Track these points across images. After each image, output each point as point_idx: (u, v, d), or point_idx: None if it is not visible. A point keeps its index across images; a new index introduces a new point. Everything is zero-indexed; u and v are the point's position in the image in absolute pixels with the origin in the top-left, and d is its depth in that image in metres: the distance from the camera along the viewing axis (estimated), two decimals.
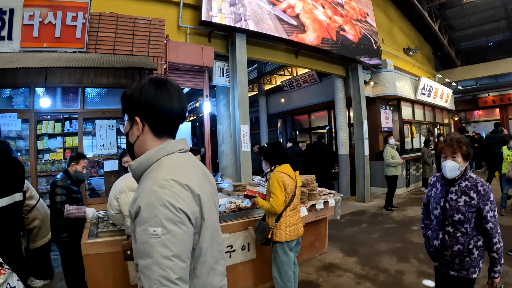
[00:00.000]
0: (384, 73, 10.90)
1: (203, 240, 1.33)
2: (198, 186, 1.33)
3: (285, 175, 3.57)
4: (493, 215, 2.47)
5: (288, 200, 3.59)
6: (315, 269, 4.96)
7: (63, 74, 5.87)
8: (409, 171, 11.45)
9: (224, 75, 7.20)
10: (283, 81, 13.33)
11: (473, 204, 2.47)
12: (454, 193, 2.58)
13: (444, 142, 2.64)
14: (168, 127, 1.44)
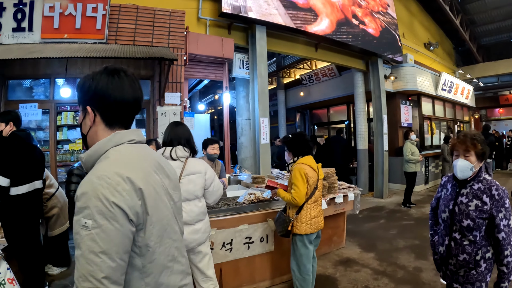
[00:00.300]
0: (404, 67, 10.70)
1: (149, 237, 1.25)
2: (142, 178, 1.25)
3: (307, 167, 3.52)
4: (507, 224, 2.20)
5: (310, 193, 3.54)
6: (332, 263, 4.92)
7: (83, 65, 5.94)
8: (428, 168, 11.24)
9: (244, 67, 7.17)
10: (302, 75, 13.19)
11: (485, 210, 2.22)
12: (465, 196, 2.33)
13: (457, 139, 2.41)
14: (120, 117, 1.37)
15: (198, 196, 2.94)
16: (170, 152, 2.88)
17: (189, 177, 2.86)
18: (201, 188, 2.94)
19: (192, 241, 2.88)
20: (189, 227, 2.85)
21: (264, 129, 6.77)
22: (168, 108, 5.56)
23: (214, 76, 6.71)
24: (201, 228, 2.95)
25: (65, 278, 4.59)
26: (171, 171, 1.53)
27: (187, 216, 2.84)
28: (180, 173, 2.84)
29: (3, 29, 5.04)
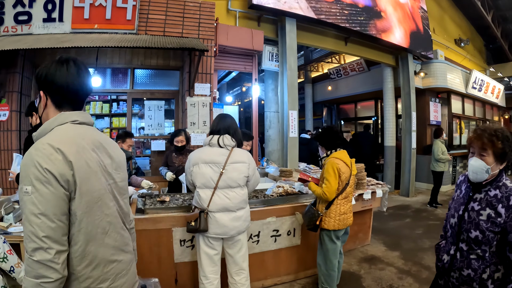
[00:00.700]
0: (434, 64, 10.42)
1: (77, 206, 1.37)
2: (75, 153, 1.38)
3: (341, 162, 3.47)
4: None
5: (341, 188, 3.50)
6: (357, 260, 4.89)
7: (113, 55, 6.02)
8: (455, 168, 10.95)
9: (274, 59, 7.12)
10: (330, 69, 13.02)
11: (498, 223, 1.86)
12: (478, 203, 1.99)
13: (473, 133, 2.05)
14: (67, 100, 1.54)
15: (241, 185, 2.99)
16: (218, 139, 2.97)
17: (234, 165, 2.94)
18: (244, 177, 3.00)
19: (233, 228, 2.93)
20: (230, 214, 2.93)
21: (293, 122, 6.73)
22: (197, 98, 5.59)
23: (244, 68, 6.71)
24: (242, 216, 3.00)
25: None
26: (116, 153, 1.66)
27: (230, 202, 2.91)
28: (226, 160, 2.91)
29: (33, 19, 5.15)
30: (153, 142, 6.18)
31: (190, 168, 2.98)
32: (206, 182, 2.90)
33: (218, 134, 3.00)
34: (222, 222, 2.88)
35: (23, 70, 5.44)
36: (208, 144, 3.01)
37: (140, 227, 3.41)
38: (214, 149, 2.96)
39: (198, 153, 3.01)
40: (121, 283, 1.56)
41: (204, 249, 2.98)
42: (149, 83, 6.33)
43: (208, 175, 2.89)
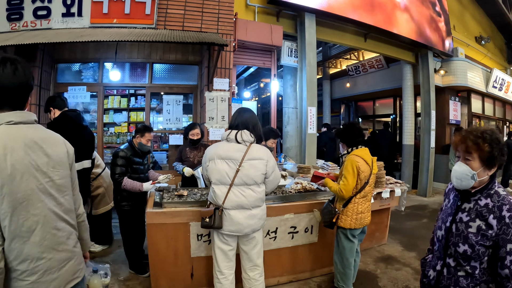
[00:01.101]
0: (455, 61, 10.21)
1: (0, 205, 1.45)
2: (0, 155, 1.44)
3: (361, 160, 3.42)
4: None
5: (360, 187, 3.46)
6: (373, 259, 4.84)
7: (132, 49, 6.07)
8: None
9: (293, 55, 7.06)
10: (349, 66, 12.89)
11: (489, 235, 1.67)
12: (466, 213, 1.80)
13: (458, 135, 1.86)
14: (6, 101, 1.56)
15: (257, 182, 2.90)
16: (235, 134, 2.89)
17: (251, 162, 2.85)
18: (261, 174, 2.91)
19: (247, 226, 2.87)
20: (245, 212, 2.86)
21: (311, 118, 6.70)
22: (216, 93, 5.59)
23: (262, 64, 6.70)
24: (258, 214, 2.93)
25: (106, 256, 4.78)
26: (55, 150, 1.68)
27: (245, 200, 2.84)
28: (243, 157, 2.83)
29: (52, 14, 5.21)
30: (171, 136, 6.24)
31: (206, 163, 2.94)
32: (221, 178, 2.84)
33: (237, 129, 2.93)
34: (237, 219, 2.84)
35: (42, 64, 5.52)
36: (226, 139, 2.94)
37: (157, 220, 3.44)
38: (231, 144, 2.90)
39: (215, 148, 2.95)
40: (51, 279, 1.60)
41: (219, 245, 2.96)
42: (168, 78, 6.37)
43: (224, 171, 2.83)
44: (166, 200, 3.65)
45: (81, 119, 3.91)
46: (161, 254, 3.53)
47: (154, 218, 3.44)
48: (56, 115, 3.80)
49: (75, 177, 1.86)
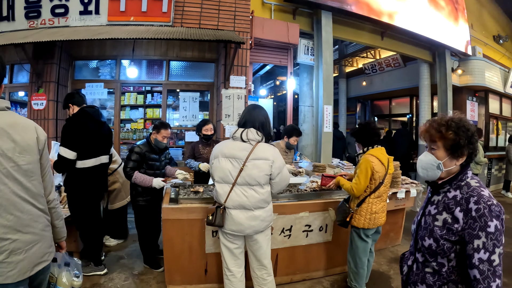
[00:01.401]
0: (472, 61, 10.03)
1: None
2: None
3: (375, 160, 3.39)
4: (486, 259, 1.44)
5: (374, 187, 3.43)
6: (387, 260, 4.80)
7: (148, 47, 6.14)
8: (491, 171, 10.52)
9: (309, 53, 7.06)
10: (365, 64, 12.79)
11: (455, 230, 1.55)
12: (435, 206, 1.71)
13: (424, 125, 1.79)
14: None
15: (261, 183, 2.80)
16: (241, 133, 2.82)
17: (255, 162, 2.76)
18: (265, 175, 2.80)
19: (249, 227, 2.81)
20: (247, 212, 2.80)
21: (328, 117, 6.68)
22: (233, 91, 5.62)
23: (279, 62, 6.71)
24: (260, 215, 2.84)
25: (121, 250, 4.85)
26: (23, 137, 1.74)
27: (247, 201, 2.78)
28: (247, 156, 2.76)
29: (70, 12, 5.30)
30: (187, 133, 6.31)
31: (212, 161, 2.92)
32: (224, 176, 2.80)
33: (244, 127, 2.87)
34: (238, 220, 2.79)
35: (60, 61, 5.63)
36: (232, 137, 2.90)
37: (173, 216, 3.48)
38: (236, 143, 2.84)
39: (220, 146, 2.90)
40: (18, 260, 1.67)
41: (224, 243, 2.95)
42: (184, 75, 6.44)
43: (227, 170, 2.78)
44: (182, 196, 3.67)
45: (99, 115, 3.96)
46: (176, 249, 3.57)
47: (170, 213, 3.48)
48: (75, 111, 3.85)
49: (46, 163, 1.91)
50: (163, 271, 4.08)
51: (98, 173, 3.94)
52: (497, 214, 1.47)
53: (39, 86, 5.48)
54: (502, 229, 1.49)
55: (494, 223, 1.46)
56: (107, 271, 4.08)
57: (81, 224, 3.89)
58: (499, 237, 1.46)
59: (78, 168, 3.69)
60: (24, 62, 5.58)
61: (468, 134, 1.61)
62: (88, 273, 3.95)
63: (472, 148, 1.62)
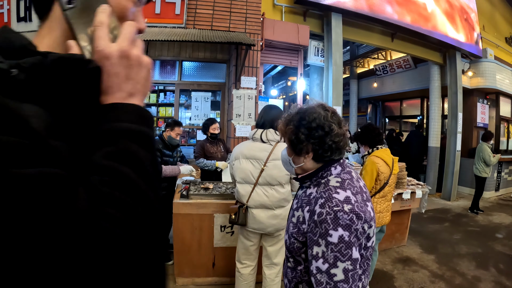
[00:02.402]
0: (483, 63, 9.91)
1: None
2: None
3: (380, 161, 3.45)
4: (325, 271, 1.24)
5: (379, 187, 3.50)
6: (391, 260, 4.87)
7: (162, 48, 6.26)
8: (500, 174, 10.40)
9: (319, 54, 7.12)
10: (376, 65, 12.76)
11: (302, 230, 1.40)
12: (296, 201, 1.57)
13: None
14: None
15: (281, 183, 2.86)
16: (260, 134, 2.85)
17: (275, 162, 2.79)
18: (286, 175, 2.84)
19: (270, 226, 2.88)
20: (268, 211, 2.86)
21: None
22: (243, 91, 5.73)
23: (289, 63, 6.78)
24: (281, 214, 2.90)
25: None
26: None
27: (268, 200, 2.83)
28: (267, 157, 2.80)
29: None
30: (199, 131, 6.43)
31: (232, 162, 2.96)
32: (246, 177, 2.85)
33: (262, 128, 2.88)
34: (259, 219, 2.85)
35: None
36: (251, 138, 2.92)
37: (183, 211, 3.63)
38: (256, 144, 2.87)
39: (240, 147, 2.94)
40: None
41: (242, 240, 3.05)
42: (197, 75, 6.56)
43: (248, 171, 2.83)
44: (193, 192, 3.79)
45: None
46: (185, 243, 3.70)
47: (181, 208, 3.62)
48: None
49: None
50: (172, 264, 4.20)
51: None
52: (346, 223, 1.24)
53: None
54: (355, 242, 1.24)
55: (338, 233, 1.23)
56: None
57: None
58: (345, 250, 1.22)
59: None
60: None
61: (312, 126, 1.40)
62: None
63: (319, 143, 1.40)
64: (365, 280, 1.38)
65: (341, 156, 1.47)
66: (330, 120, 1.40)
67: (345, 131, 1.45)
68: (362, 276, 1.35)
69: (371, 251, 1.38)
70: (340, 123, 1.43)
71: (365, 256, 1.33)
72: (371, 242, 1.36)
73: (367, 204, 1.35)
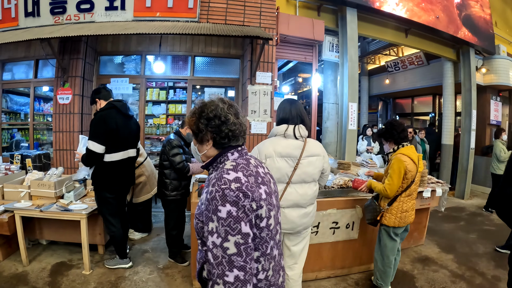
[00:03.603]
0: (497, 59, 9.80)
1: None
2: None
3: (408, 159, 3.34)
4: (219, 245, 1.34)
5: (406, 186, 3.40)
6: (410, 260, 4.80)
7: (174, 42, 6.18)
8: None
9: (334, 50, 7.04)
10: (388, 62, 12.64)
11: (201, 210, 1.49)
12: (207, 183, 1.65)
13: None
14: None
15: (315, 179, 2.81)
16: (293, 130, 2.70)
17: (309, 159, 2.72)
18: (319, 171, 2.80)
19: (301, 225, 2.77)
20: (300, 210, 2.75)
21: (352, 114, 6.65)
22: (259, 87, 5.62)
23: (304, 58, 6.69)
24: (311, 212, 2.83)
25: (145, 243, 4.92)
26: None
27: (301, 198, 2.72)
28: (301, 153, 2.69)
29: (95, 7, 5.37)
30: None
31: (263, 160, 2.66)
32: (281, 177, 2.67)
33: (293, 123, 2.71)
34: (291, 218, 2.70)
35: (86, 56, 5.72)
36: (283, 135, 2.71)
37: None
38: (290, 141, 2.70)
39: (273, 145, 2.70)
40: None
41: None
42: (209, 71, 6.47)
43: (284, 170, 2.66)
44: None
45: (127, 108, 4.01)
46: None
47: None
48: (102, 105, 3.90)
49: None
50: (188, 265, 4.13)
51: (126, 166, 3.99)
52: (233, 199, 1.36)
53: (65, 80, 5.57)
54: (242, 218, 1.36)
55: (226, 208, 1.35)
56: (132, 264, 4.14)
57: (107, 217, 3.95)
58: (234, 225, 1.34)
59: (106, 161, 3.75)
60: (50, 57, 5.68)
61: (210, 116, 1.55)
62: (113, 266, 4.03)
63: (217, 131, 1.55)
64: (265, 263, 1.50)
65: (239, 143, 1.63)
66: (226, 111, 1.56)
67: (242, 121, 1.62)
68: (261, 259, 1.48)
69: (267, 232, 1.47)
70: (237, 114, 1.60)
71: (259, 236, 1.45)
72: (265, 223, 1.46)
73: (260, 187, 1.48)
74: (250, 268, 1.36)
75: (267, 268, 1.52)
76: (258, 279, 1.50)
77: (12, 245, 4.24)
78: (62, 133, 5.57)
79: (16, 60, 6.30)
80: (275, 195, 1.64)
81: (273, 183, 1.68)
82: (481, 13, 9.22)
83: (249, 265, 1.36)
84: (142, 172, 4.89)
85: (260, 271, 1.50)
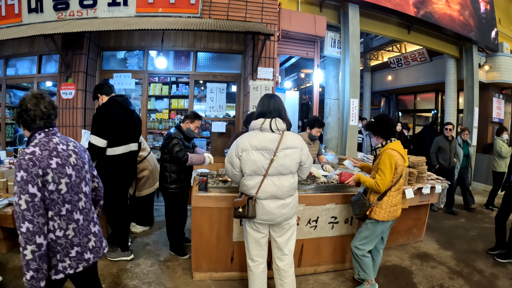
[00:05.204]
0: (499, 57, 9.78)
1: None
2: None
3: (397, 154, 3.36)
4: (17, 203, 1.77)
5: (395, 180, 3.41)
6: (409, 255, 4.80)
7: (176, 38, 6.20)
8: None
9: (336, 46, 7.05)
10: (391, 58, 12.63)
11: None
12: None
13: None
14: None
15: (293, 172, 2.85)
16: (269, 123, 2.76)
17: (286, 151, 2.75)
18: (296, 163, 2.84)
19: (280, 216, 2.83)
20: (278, 201, 2.81)
21: (354, 110, 6.67)
22: (260, 82, 5.65)
23: (306, 54, 6.71)
24: (290, 203, 2.87)
25: (147, 236, 4.96)
26: None
27: (278, 190, 2.78)
28: (277, 146, 2.73)
29: (98, 3, 5.39)
30: (213, 123, 6.38)
31: (239, 154, 2.77)
32: (257, 169, 2.74)
33: (270, 117, 2.78)
34: (269, 209, 2.78)
35: (89, 51, 5.75)
36: (259, 128, 2.78)
37: (202, 204, 3.55)
38: (266, 134, 2.76)
39: (248, 139, 2.77)
40: None
41: (251, 233, 2.95)
42: (211, 66, 6.49)
43: (260, 163, 2.73)
44: (211, 185, 3.72)
45: (129, 103, 4.04)
46: (204, 237, 3.63)
47: (200, 201, 3.55)
48: (104, 101, 3.94)
49: None
50: (188, 258, 4.17)
51: (128, 160, 4.03)
52: (24, 167, 1.79)
53: (68, 76, 5.61)
54: (30, 181, 1.78)
55: (20, 174, 1.78)
56: (134, 256, 4.18)
57: (110, 210, 4.00)
58: (24, 186, 1.77)
59: (108, 155, 3.80)
60: (53, 53, 5.72)
61: (18, 106, 2.00)
62: (115, 258, 4.06)
63: (19, 116, 1.98)
64: (61, 223, 1.94)
65: (40, 126, 2.00)
66: (28, 102, 1.96)
67: (43, 109, 1.99)
68: (56, 217, 1.92)
69: (58, 196, 1.92)
70: (38, 104, 1.97)
71: (49, 198, 1.88)
72: (54, 187, 1.90)
73: (52, 159, 1.91)
74: (38, 222, 1.78)
75: (64, 227, 1.96)
76: (57, 235, 1.93)
77: (16, 238, 4.29)
78: (65, 127, 5.62)
79: (19, 56, 6.34)
80: (76, 168, 2.09)
81: (75, 158, 2.10)
82: (484, 10, 9.18)
83: (37, 220, 1.78)
84: (145, 166, 4.93)
85: (56, 228, 1.93)
